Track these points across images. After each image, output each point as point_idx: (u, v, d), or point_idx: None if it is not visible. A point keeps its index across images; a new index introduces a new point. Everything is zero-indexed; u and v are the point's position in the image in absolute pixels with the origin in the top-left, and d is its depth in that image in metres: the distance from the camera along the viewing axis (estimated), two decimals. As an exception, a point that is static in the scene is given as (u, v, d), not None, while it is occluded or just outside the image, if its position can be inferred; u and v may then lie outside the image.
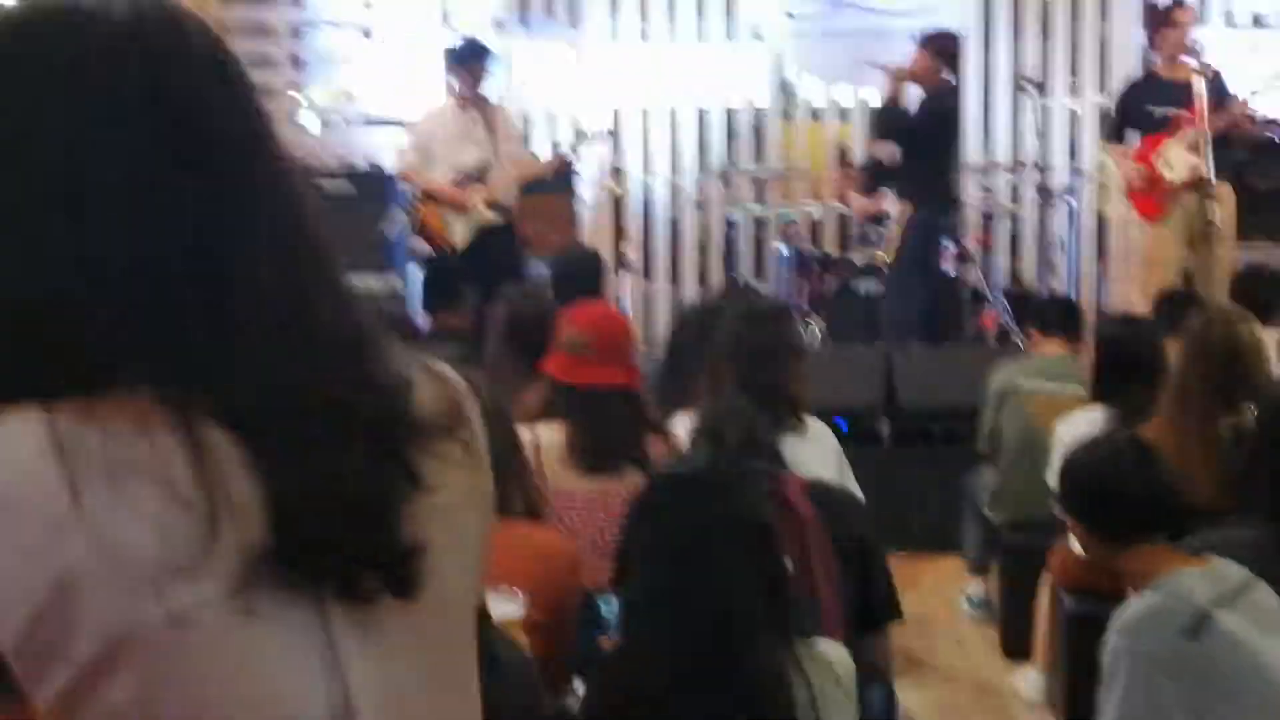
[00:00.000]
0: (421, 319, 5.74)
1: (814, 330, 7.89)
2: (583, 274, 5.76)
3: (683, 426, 3.70)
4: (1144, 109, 7.54)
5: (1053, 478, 4.50)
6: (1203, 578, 2.83)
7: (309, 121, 9.76)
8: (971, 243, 8.73)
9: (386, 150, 8.99)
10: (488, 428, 1.29)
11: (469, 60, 7.56)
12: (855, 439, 6.12)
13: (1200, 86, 7.06)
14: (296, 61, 9.24)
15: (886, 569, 3.42)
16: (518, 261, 7.52)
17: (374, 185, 8.03)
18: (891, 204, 8.19)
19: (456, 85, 7.61)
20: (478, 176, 7.49)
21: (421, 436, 1.15)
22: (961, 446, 5.95)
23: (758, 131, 9.43)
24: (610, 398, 3.49)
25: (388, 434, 1.12)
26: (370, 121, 9.48)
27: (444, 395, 1.21)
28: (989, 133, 9.69)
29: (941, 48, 8.08)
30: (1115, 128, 7.87)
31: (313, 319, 1.10)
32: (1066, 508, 3.12)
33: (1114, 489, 2.99)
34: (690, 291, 9.25)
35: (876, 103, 8.81)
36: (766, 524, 2.57)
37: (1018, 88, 8.83)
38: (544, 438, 3.46)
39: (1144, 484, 2.98)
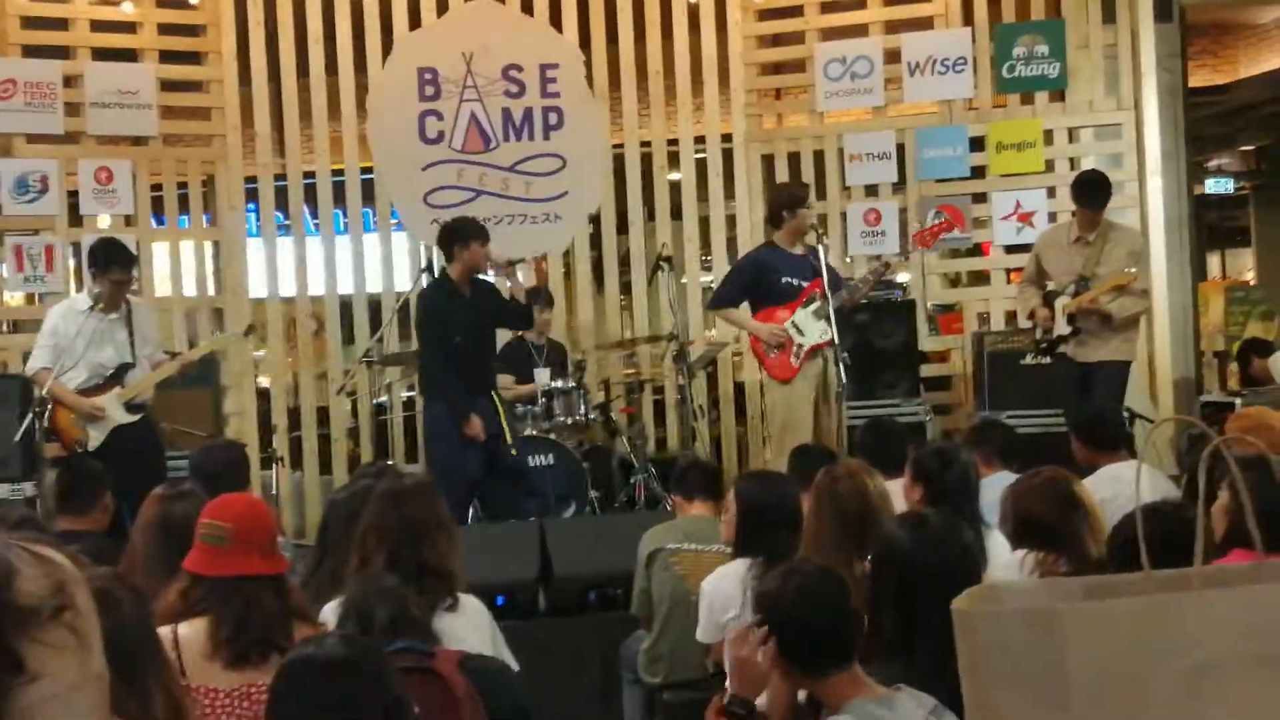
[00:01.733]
0: (54, 522, 5.49)
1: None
2: (224, 467, 5.64)
3: (332, 613, 3.65)
4: (771, 279, 7.84)
5: (702, 634, 4.65)
6: (889, 704, 2.92)
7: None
8: (618, 414, 8.98)
9: (15, 354, 8.70)
10: (122, 629, 1.26)
11: (106, 262, 7.36)
12: (513, 613, 6.15)
13: (822, 260, 7.52)
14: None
15: (543, 737, 3.44)
16: (158, 459, 7.31)
17: (5, 390, 7.69)
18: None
19: (93, 286, 7.41)
20: (116, 376, 7.30)
21: (25, 624, 1.13)
22: (619, 613, 6.04)
23: (403, 317, 9.49)
24: (252, 587, 3.40)
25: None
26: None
27: (48, 579, 1.19)
28: (631, 309, 10.07)
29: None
30: (731, 296, 8.06)
31: None
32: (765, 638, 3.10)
33: (805, 618, 3.02)
34: (341, 479, 9.16)
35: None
36: (400, 699, 2.58)
37: (654, 267, 9.15)
38: (184, 633, 3.36)
39: (833, 613, 3.03)
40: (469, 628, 3.89)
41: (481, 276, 7.88)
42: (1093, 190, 7.91)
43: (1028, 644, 1.63)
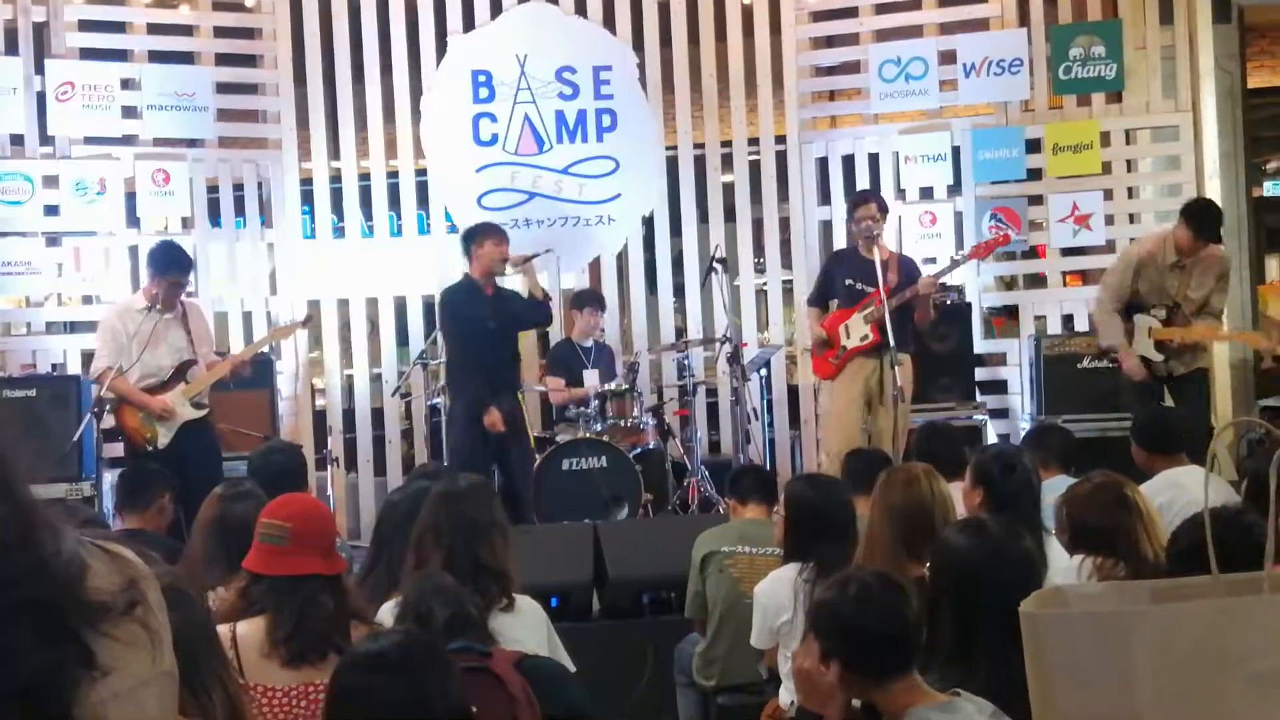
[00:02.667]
0: (113, 521, 5.55)
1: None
2: (282, 468, 5.68)
3: (389, 613, 3.66)
4: (841, 281, 8.09)
5: (756, 640, 4.63)
6: (948, 710, 2.88)
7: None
8: (671, 416, 8.96)
9: (74, 354, 8.78)
10: (185, 627, 1.26)
11: (165, 265, 7.42)
12: (567, 615, 6.14)
13: (882, 267, 7.62)
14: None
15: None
16: (214, 459, 7.36)
17: (62, 391, 7.77)
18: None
19: (151, 287, 7.46)
20: (179, 374, 7.36)
21: (97, 618, 1.13)
22: (672, 615, 6.03)
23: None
24: (310, 587, 3.42)
25: (60, 618, 1.10)
26: (57, 327, 9.23)
27: (120, 575, 1.20)
28: (684, 311, 10.05)
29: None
30: (812, 296, 8.48)
31: None
32: (824, 648, 3.06)
33: (863, 626, 2.96)
34: (395, 481, 9.19)
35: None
36: (458, 697, 2.58)
37: (708, 269, 9.15)
38: (242, 632, 3.38)
39: (892, 620, 2.97)
40: (525, 628, 3.90)
41: (500, 282, 8.21)
42: (1214, 222, 7.76)
43: (1095, 647, 1.62)
